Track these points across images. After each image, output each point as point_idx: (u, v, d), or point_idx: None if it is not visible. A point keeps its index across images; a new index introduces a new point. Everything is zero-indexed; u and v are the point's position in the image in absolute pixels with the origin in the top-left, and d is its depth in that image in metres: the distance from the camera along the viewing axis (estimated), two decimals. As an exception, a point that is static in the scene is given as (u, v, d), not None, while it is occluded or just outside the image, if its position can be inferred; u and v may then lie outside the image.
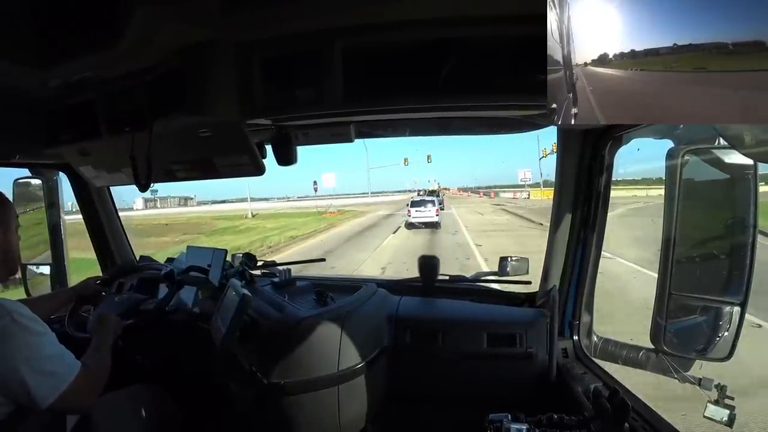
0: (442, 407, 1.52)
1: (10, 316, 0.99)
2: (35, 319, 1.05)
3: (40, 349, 1.03)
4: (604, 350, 1.47)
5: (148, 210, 59.64)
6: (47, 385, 1.01)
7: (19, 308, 1.03)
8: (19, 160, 1.85)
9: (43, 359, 1.02)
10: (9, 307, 1.01)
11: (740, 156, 0.97)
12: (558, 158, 1.47)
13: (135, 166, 1.25)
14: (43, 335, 1.05)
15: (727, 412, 1.13)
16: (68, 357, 1.09)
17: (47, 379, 1.02)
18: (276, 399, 1.36)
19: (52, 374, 1.03)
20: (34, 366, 1.00)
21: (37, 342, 1.03)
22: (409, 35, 0.93)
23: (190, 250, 2.03)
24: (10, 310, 1.00)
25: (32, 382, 0.99)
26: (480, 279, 1.90)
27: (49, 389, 1.01)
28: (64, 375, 1.05)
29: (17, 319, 1.00)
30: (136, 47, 0.98)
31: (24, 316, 1.02)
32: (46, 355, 1.03)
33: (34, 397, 0.99)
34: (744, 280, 1.08)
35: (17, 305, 1.03)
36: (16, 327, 0.99)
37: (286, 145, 1.41)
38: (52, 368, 1.03)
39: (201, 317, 1.65)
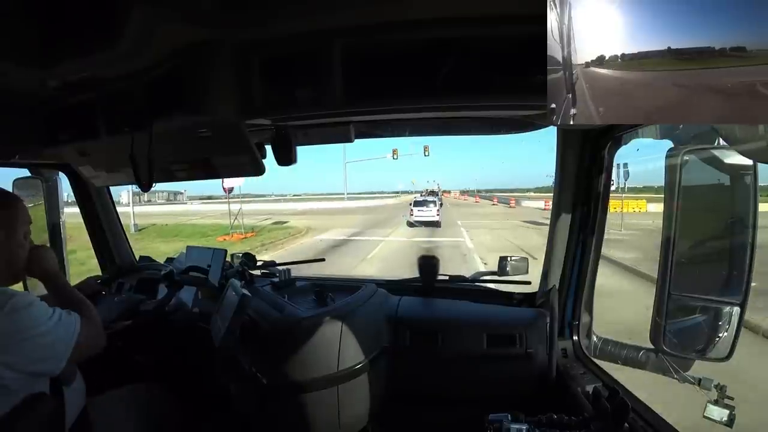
0: (441, 407, 1.52)
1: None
2: (23, 294, 1.07)
3: (40, 316, 1.04)
4: (603, 350, 1.47)
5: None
6: (58, 352, 1.05)
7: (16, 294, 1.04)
8: (18, 160, 1.85)
9: (43, 328, 1.03)
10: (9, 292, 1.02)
11: (740, 156, 0.97)
12: (558, 159, 1.47)
13: (134, 166, 1.25)
14: (36, 305, 1.05)
15: (726, 412, 1.13)
16: (65, 316, 1.10)
17: (55, 346, 1.05)
18: (276, 399, 1.36)
19: (57, 340, 1.05)
20: (38, 338, 1.01)
21: (35, 312, 1.04)
22: (409, 35, 0.93)
23: (189, 250, 2.03)
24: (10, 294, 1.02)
25: (40, 354, 1.02)
26: (480, 279, 1.90)
27: (62, 351, 1.05)
28: (67, 334, 1.07)
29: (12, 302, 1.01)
30: (135, 47, 0.98)
31: (17, 296, 1.03)
32: (44, 321, 1.04)
33: (49, 365, 1.04)
34: (743, 280, 1.08)
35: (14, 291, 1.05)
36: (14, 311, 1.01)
37: (286, 145, 1.41)
38: (55, 333, 1.05)
39: (201, 317, 1.65)
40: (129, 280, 2.13)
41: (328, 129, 1.41)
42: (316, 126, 1.39)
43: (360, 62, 0.98)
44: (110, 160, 1.50)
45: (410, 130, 1.57)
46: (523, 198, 46.71)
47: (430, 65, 0.94)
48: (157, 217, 26.96)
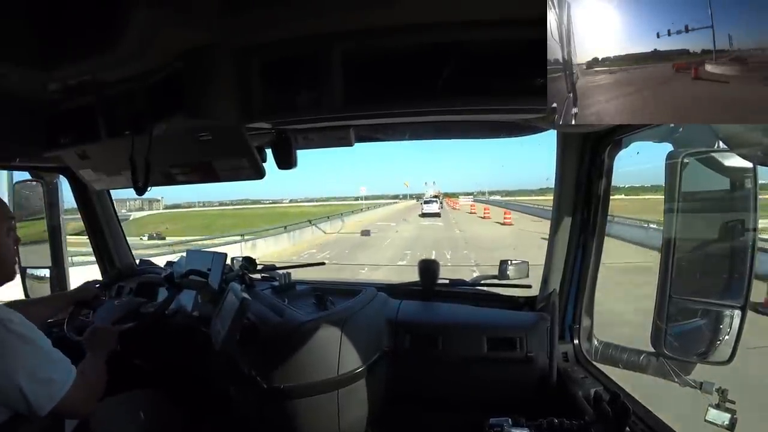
0: (442, 411, 1.51)
1: (2, 324, 0.97)
2: (28, 326, 1.03)
3: (36, 357, 1.01)
4: (604, 354, 1.47)
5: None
6: (44, 393, 1.00)
7: (11, 315, 1.01)
8: (19, 163, 1.85)
9: (38, 367, 1.00)
10: (0, 315, 0.99)
11: (740, 159, 0.97)
12: (558, 162, 1.47)
13: (134, 169, 1.25)
14: (38, 342, 1.03)
15: (728, 416, 1.13)
16: (64, 363, 1.08)
17: (44, 387, 1.00)
18: (276, 403, 1.36)
19: (49, 382, 1.01)
20: (30, 374, 0.98)
21: (32, 350, 1.01)
22: (409, 39, 0.93)
23: (189, 254, 2.02)
24: (1, 318, 0.98)
25: (29, 391, 0.97)
26: (480, 283, 1.89)
27: (46, 397, 1.00)
28: (61, 382, 1.03)
29: (9, 327, 0.98)
30: (136, 51, 0.98)
31: (15, 323, 1.00)
32: (41, 362, 1.02)
33: (32, 405, 0.98)
34: (744, 283, 1.08)
35: (8, 312, 1.01)
36: (10, 335, 0.98)
37: (286, 149, 1.41)
38: (49, 375, 1.02)
39: (201, 321, 1.65)
40: (129, 283, 2.12)
41: (329, 132, 1.41)
42: (316, 130, 1.39)
43: (360, 66, 0.99)
44: (110, 163, 1.50)
45: (410, 134, 1.57)
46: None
47: (430, 69, 0.94)
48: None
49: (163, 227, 34.83)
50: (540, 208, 27.09)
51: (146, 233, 27.53)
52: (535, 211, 27.87)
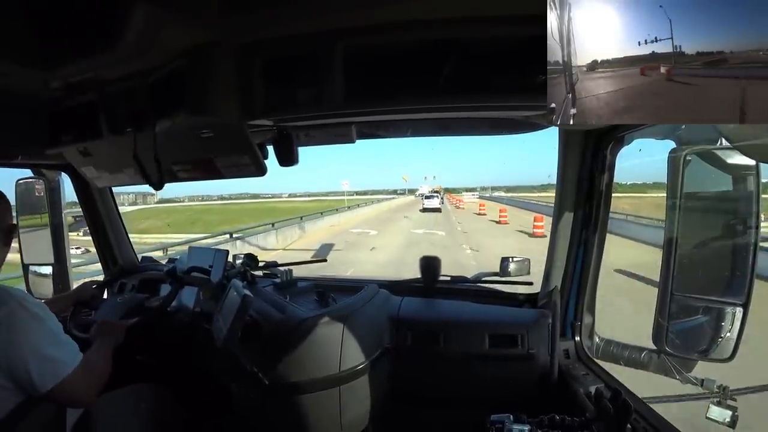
0: (443, 408, 1.52)
1: (16, 301, 1.01)
2: (42, 306, 1.07)
3: (45, 336, 1.04)
4: (605, 351, 1.47)
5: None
6: (48, 371, 1.02)
7: (24, 294, 1.05)
8: (20, 160, 1.86)
9: (46, 344, 1.03)
10: (14, 294, 1.03)
11: (742, 156, 0.97)
12: (559, 159, 1.47)
13: (140, 166, 1.25)
14: (48, 322, 1.06)
15: (729, 413, 1.13)
16: (72, 347, 1.11)
17: (49, 365, 1.03)
18: (277, 399, 1.36)
19: (54, 360, 1.04)
20: (37, 350, 1.01)
21: (43, 328, 1.04)
22: (410, 36, 0.93)
23: (191, 251, 2.03)
24: (15, 296, 1.02)
25: (34, 366, 1.00)
26: (481, 280, 1.89)
27: (50, 375, 1.02)
28: (66, 362, 1.06)
29: (23, 303, 1.02)
30: (137, 49, 0.98)
31: (30, 302, 1.04)
32: (50, 341, 1.05)
33: (35, 381, 1.00)
34: (746, 281, 1.08)
35: (22, 292, 1.06)
36: (23, 312, 1.01)
37: (288, 146, 1.41)
38: (55, 354, 1.05)
39: (203, 317, 1.65)
40: (131, 280, 2.13)
41: (330, 129, 1.41)
42: (317, 126, 1.39)
43: (362, 63, 0.98)
44: (112, 161, 1.50)
45: (411, 131, 1.57)
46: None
47: (431, 66, 0.93)
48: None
49: (145, 224, 34.53)
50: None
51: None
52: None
